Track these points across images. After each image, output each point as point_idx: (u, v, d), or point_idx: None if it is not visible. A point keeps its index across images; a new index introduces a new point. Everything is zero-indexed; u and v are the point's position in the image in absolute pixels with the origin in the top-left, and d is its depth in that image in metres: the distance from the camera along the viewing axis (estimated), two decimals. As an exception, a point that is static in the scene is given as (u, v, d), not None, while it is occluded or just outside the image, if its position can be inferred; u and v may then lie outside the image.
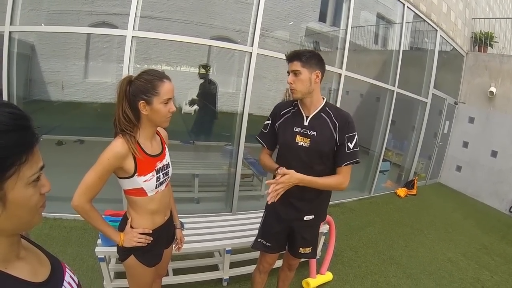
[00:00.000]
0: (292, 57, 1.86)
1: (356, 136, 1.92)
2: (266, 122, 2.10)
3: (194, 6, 6.25)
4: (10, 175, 0.61)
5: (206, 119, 5.66)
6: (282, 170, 1.81)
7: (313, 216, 2.05)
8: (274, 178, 1.85)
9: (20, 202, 0.64)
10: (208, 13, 6.36)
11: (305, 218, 2.03)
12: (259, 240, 2.19)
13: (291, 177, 1.78)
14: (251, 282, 2.43)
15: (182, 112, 5.87)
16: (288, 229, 2.10)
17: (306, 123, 1.93)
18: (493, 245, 4.57)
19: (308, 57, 1.84)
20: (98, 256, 2.32)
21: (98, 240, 2.41)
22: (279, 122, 2.02)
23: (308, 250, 2.17)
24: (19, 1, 3.38)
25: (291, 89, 1.89)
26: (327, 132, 1.90)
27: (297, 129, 1.93)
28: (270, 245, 2.15)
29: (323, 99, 1.97)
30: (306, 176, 1.83)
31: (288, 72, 1.90)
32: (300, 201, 1.98)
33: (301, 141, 1.90)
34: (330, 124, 1.91)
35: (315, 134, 1.89)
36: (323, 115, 1.94)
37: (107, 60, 7.63)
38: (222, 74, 7.53)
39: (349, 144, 1.89)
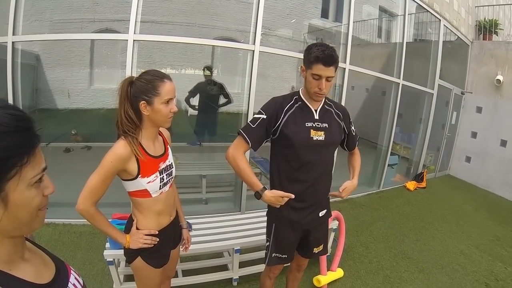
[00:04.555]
0: (332, 62, 1.71)
1: None
2: (257, 116, 1.86)
3: (196, 8, 6.27)
4: (12, 176, 0.61)
5: (212, 120, 5.66)
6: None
7: (325, 211, 2.05)
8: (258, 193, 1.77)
9: (22, 203, 0.64)
10: (210, 14, 6.39)
11: (320, 214, 2.01)
12: (273, 255, 2.04)
13: (348, 188, 1.94)
14: (260, 286, 2.39)
15: (189, 114, 5.89)
16: (303, 233, 2.04)
17: (316, 116, 1.88)
18: (506, 236, 4.48)
19: (337, 58, 1.74)
20: (107, 260, 2.34)
21: (107, 243, 2.43)
22: (283, 121, 1.83)
23: (321, 247, 2.16)
24: (21, 12, 3.43)
25: (319, 94, 1.78)
26: (335, 123, 1.95)
27: (309, 124, 1.85)
28: (286, 256, 2.05)
29: None
30: (355, 177, 2.05)
31: (318, 76, 1.73)
32: (313, 196, 1.94)
33: (315, 135, 1.85)
34: (335, 114, 1.97)
35: (326, 126, 1.89)
36: (327, 107, 1.96)
37: (111, 66, 7.68)
38: (227, 74, 7.54)
39: (353, 128, 2.09)
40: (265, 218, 2.15)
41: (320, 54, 1.69)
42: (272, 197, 1.73)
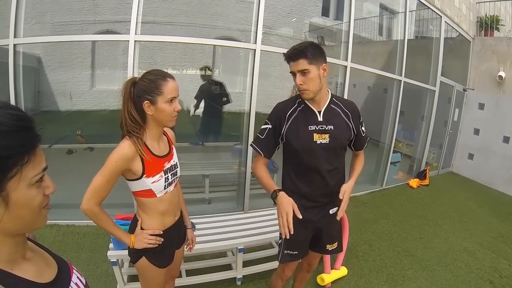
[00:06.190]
0: (296, 55, 1.68)
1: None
2: (264, 127, 1.89)
3: (197, 8, 6.27)
4: (13, 175, 0.61)
5: (214, 120, 5.68)
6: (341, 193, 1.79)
7: (336, 208, 1.96)
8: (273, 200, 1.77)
9: (23, 202, 0.65)
10: (210, 14, 6.37)
11: (330, 212, 1.96)
12: (285, 252, 2.00)
13: (347, 191, 1.78)
14: (270, 285, 2.37)
15: (190, 114, 5.90)
16: (315, 230, 2.01)
17: (320, 118, 1.82)
18: (509, 233, 4.46)
19: (313, 51, 1.68)
20: (111, 260, 2.34)
21: (110, 244, 2.43)
22: (287, 126, 1.82)
23: (335, 245, 2.12)
24: (21, 15, 3.44)
25: (301, 91, 1.75)
26: (343, 124, 1.87)
27: (312, 127, 1.79)
28: (297, 253, 2.02)
29: (328, 91, 1.89)
30: (352, 179, 1.90)
31: (293, 73, 1.73)
32: (324, 197, 1.91)
33: (319, 138, 1.79)
34: (343, 114, 1.88)
35: (332, 128, 1.81)
36: (334, 106, 1.88)
37: (113, 67, 7.69)
38: (229, 74, 7.54)
39: (363, 128, 1.99)
40: (268, 217, 2.14)
41: (286, 53, 1.74)
42: (287, 199, 1.70)
